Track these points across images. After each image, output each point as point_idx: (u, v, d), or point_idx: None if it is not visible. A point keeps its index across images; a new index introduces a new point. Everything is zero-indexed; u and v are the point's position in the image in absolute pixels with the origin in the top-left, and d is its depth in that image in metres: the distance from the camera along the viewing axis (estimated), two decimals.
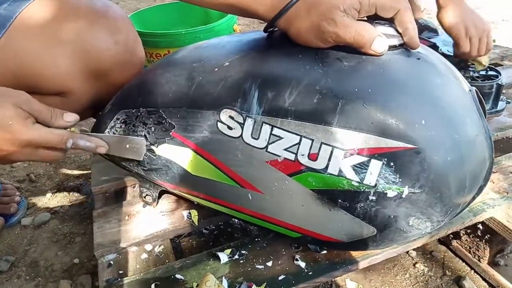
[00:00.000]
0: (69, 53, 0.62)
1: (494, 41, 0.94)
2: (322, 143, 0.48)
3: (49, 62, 0.61)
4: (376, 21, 0.52)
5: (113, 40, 0.65)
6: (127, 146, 0.59)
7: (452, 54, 0.95)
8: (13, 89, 0.51)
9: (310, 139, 0.49)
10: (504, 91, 1.08)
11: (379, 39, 0.49)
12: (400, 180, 0.47)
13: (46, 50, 0.60)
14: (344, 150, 0.47)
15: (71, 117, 0.54)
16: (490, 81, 0.90)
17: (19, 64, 0.60)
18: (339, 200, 0.50)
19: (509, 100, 1.00)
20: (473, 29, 0.90)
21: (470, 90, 0.54)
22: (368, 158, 0.47)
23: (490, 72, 0.94)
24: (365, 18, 0.52)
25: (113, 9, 0.67)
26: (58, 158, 0.55)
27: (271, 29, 0.57)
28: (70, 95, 0.66)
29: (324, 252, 0.62)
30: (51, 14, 0.61)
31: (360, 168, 0.47)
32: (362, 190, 0.48)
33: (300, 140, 0.49)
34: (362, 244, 0.55)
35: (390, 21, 0.52)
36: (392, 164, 0.46)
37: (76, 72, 0.64)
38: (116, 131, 0.62)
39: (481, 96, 0.55)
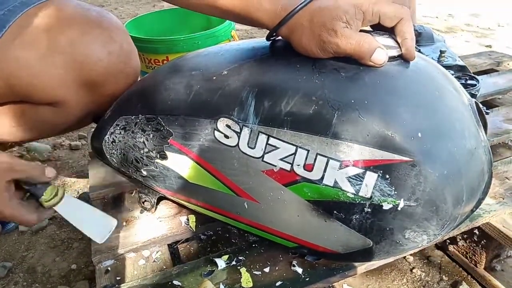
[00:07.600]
0: (62, 63, 0.61)
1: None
2: (317, 154, 0.48)
3: (42, 71, 0.60)
4: (375, 32, 0.52)
5: (107, 50, 0.64)
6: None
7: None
8: None
9: (306, 149, 0.49)
10: (500, 96, 1.09)
11: (379, 51, 0.49)
12: (396, 192, 0.47)
13: (39, 60, 0.60)
14: (339, 161, 0.47)
15: (52, 173, 0.57)
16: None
17: (11, 72, 0.60)
18: (335, 212, 0.50)
19: (488, 111, 0.98)
20: None
21: (469, 102, 0.53)
22: (364, 170, 0.47)
23: (469, 81, 0.89)
24: (366, 28, 0.52)
25: (107, 19, 0.66)
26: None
27: (273, 37, 0.57)
28: (63, 105, 0.65)
29: None
30: (45, 23, 0.60)
31: (355, 180, 0.47)
32: (357, 202, 0.48)
33: (296, 150, 0.49)
34: (358, 255, 0.55)
35: (389, 31, 0.52)
36: (387, 176, 0.46)
37: (68, 82, 0.63)
38: (116, 137, 0.63)
39: (481, 108, 0.55)
